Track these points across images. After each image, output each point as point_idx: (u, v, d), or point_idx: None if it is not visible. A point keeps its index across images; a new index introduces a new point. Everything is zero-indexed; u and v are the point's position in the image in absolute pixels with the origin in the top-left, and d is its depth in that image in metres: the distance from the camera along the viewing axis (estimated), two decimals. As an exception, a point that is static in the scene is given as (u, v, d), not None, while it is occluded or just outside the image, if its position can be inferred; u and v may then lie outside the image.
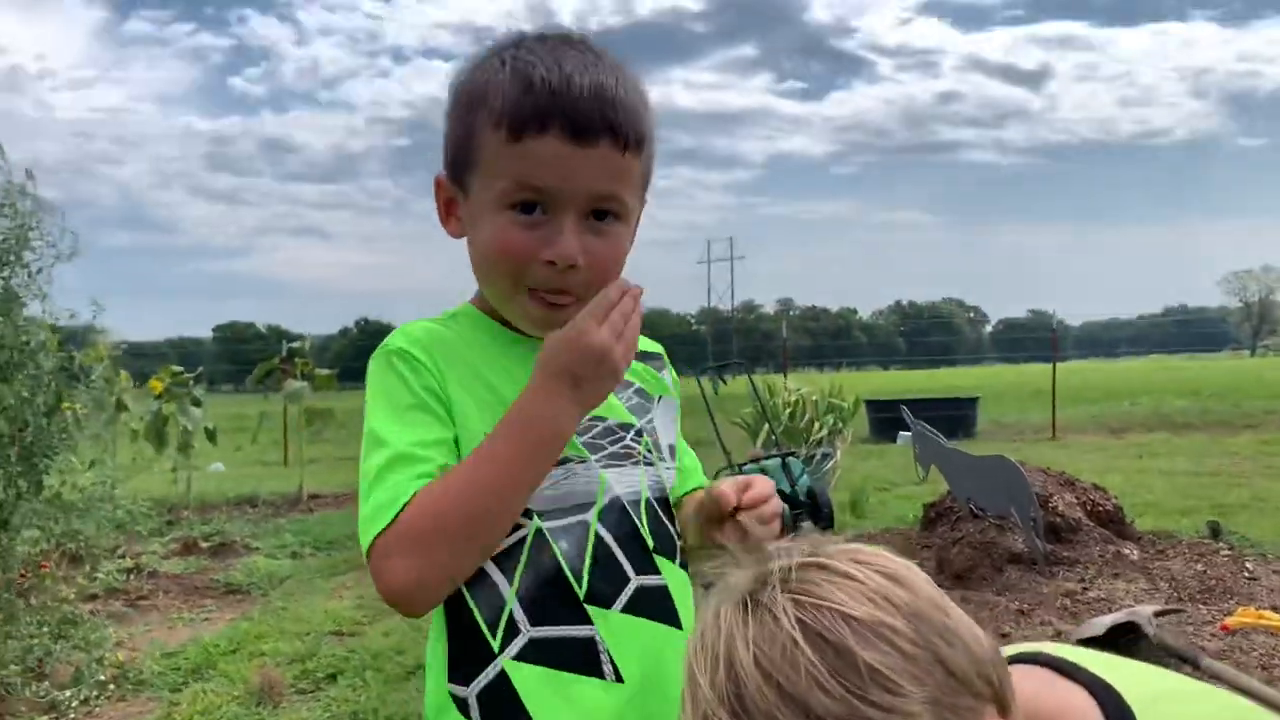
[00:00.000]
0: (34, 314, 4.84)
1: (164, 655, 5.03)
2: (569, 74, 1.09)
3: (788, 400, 9.56)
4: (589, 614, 1.14)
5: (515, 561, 1.13)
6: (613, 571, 1.16)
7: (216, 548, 7.81)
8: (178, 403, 9.75)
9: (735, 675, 0.75)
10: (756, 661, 0.75)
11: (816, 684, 0.73)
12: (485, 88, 1.12)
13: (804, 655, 0.74)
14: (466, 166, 1.15)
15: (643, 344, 1.30)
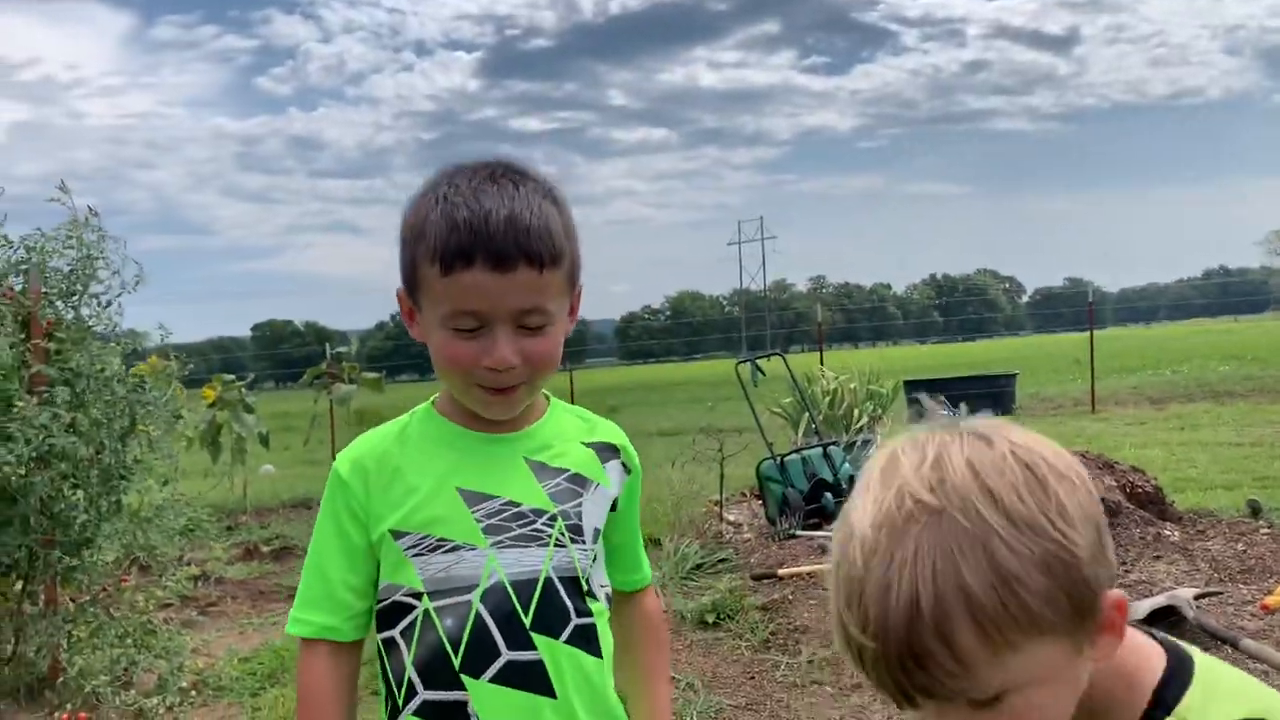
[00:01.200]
0: (103, 335, 5.08)
1: (240, 661, 5.27)
2: (487, 211, 1.29)
3: (826, 389, 9.67)
4: (463, 682, 1.38)
5: (410, 635, 1.39)
6: (486, 647, 1.37)
7: (277, 551, 8.07)
8: (230, 410, 10.03)
9: (942, 465, 0.88)
10: (968, 461, 0.88)
11: (1015, 491, 0.86)
12: (424, 225, 1.33)
13: (1010, 468, 0.87)
14: (416, 290, 1.37)
15: (605, 434, 1.54)
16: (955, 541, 0.84)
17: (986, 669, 0.86)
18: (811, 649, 4.63)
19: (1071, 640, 0.89)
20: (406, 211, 1.37)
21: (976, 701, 0.88)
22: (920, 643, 0.84)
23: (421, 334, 1.40)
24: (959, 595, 0.83)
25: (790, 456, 7.59)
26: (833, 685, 4.28)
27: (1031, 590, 0.84)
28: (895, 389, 10.72)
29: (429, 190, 1.35)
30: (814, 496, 7.28)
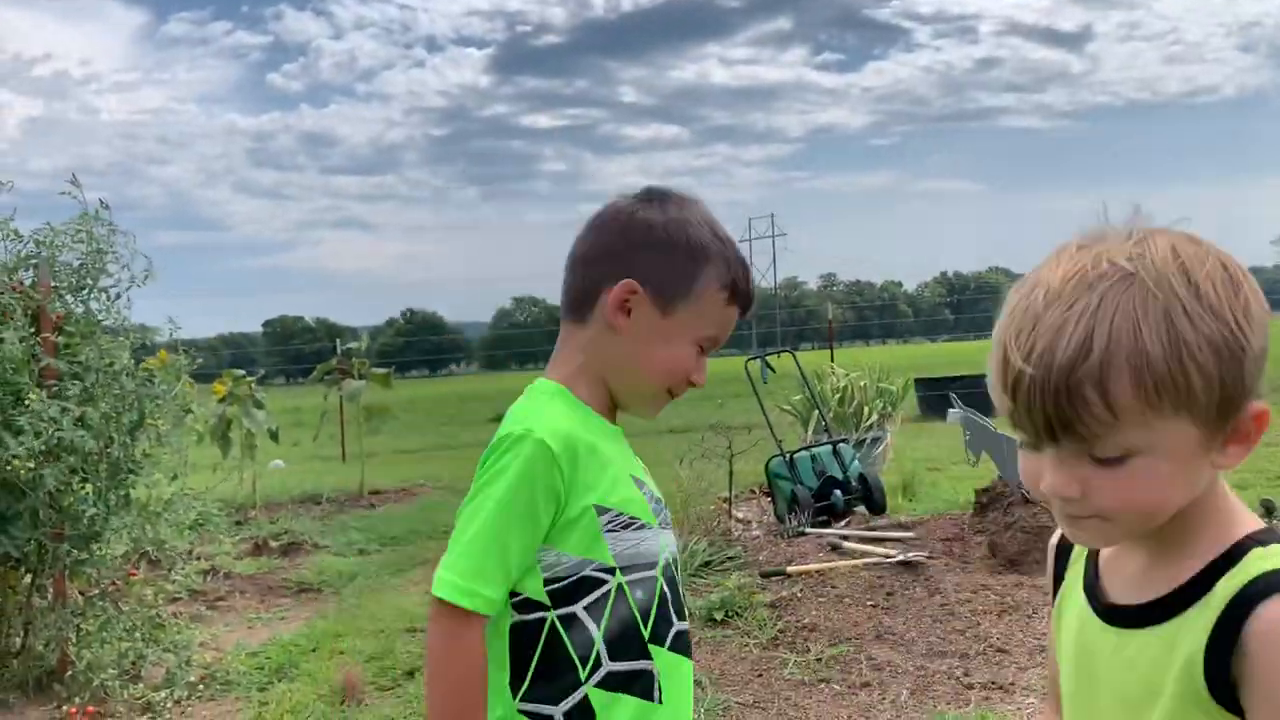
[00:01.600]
0: (113, 329, 5.09)
1: (248, 655, 5.28)
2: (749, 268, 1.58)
3: (836, 386, 9.64)
4: (650, 651, 1.43)
5: (601, 608, 1.41)
6: (666, 617, 1.46)
7: (286, 547, 8.08)
8: (241, 405, 10.04)
9: (1146, 244, 0.93)
10: (1172, 246, 0.93)
11: (1210, 279, 0.91)
12: (711, 253, 1.50)
13: (1210, 260, 0.93)
14: (680, 299, 1.48)
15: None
16: (1141, 303, 0.89)
17: (1127, 426, 0.90)
18: (820, 647, 4.61)
19: (1208, 431, 0.92)
20: (659, 223, 1.49)
21: (1101, 458, 0.92)
22: (1079, 382, 0.89)
23: (633, 329, 1.47)
24: (1130, 350, 0.88)
25: (799, 454, 7.57)
26: (840, 683, 4.26)
27: (1198, 364, 0.89)
28: (906, 386, 10.68)
29: (684, 216, 1.51)
30: (823, 494, 7.25)
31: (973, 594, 4.96)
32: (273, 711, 4.41)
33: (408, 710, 4.32)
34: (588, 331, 1.50)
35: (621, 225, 1.51)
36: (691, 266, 1.47)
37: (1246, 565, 0.94)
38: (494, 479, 1.38)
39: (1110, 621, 1.02)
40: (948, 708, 3.91)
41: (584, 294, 1.50)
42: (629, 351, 1.47)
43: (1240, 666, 0.90)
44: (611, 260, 1.48)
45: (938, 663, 4.36)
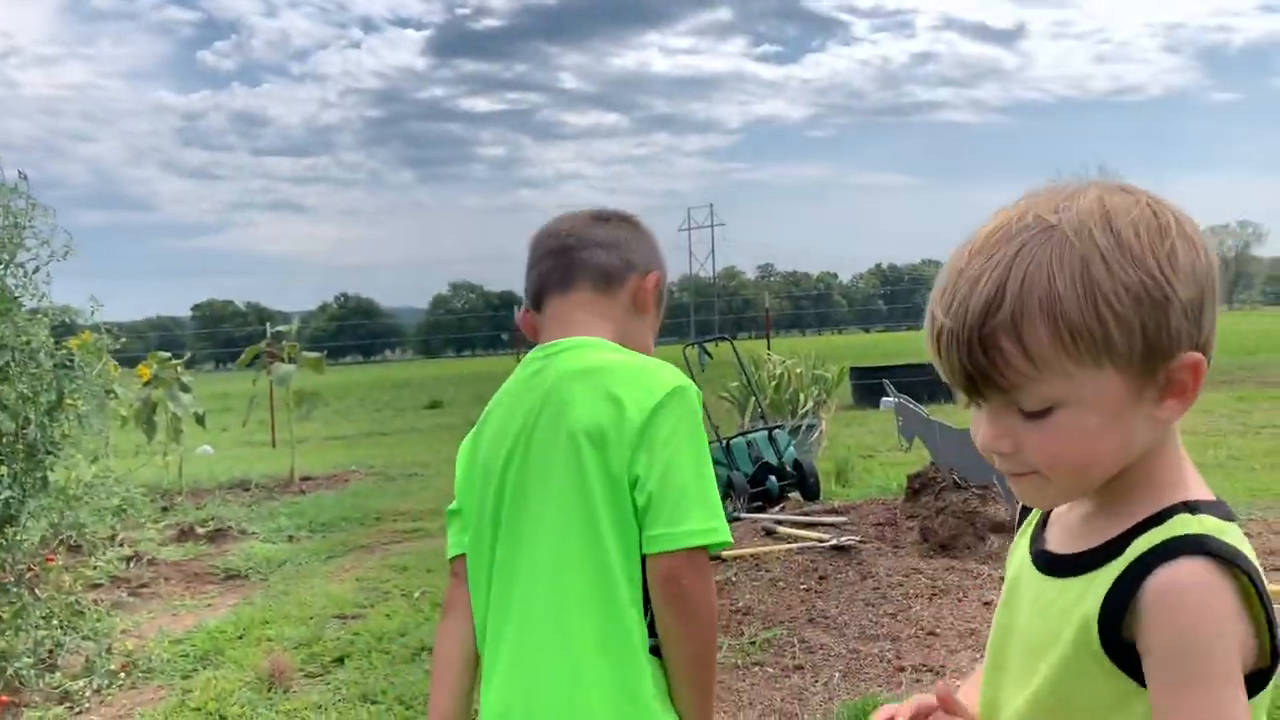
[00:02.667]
0: (31, 308, 4.91)
1: (172, 643, 5.15)
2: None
3: (773, 373, 9.69)
4: None
5: None
6: None
7: (213, 533, 7.91)
8: (166, 389, 9.80)
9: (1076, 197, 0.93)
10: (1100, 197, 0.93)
11: (1134, 226, 0.90)
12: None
13: (1138, 209, 0.92)
14: (661, 302, 1.71)
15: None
16: (1058, 253, 0.89)
17: (1048, 376, 0.89)
18: (753, 630, 4.62)
19: (1136, 381, 0.91)
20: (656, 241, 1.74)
21: (1027, 411, 0.91)
22: (992, 332, 0.89)
23: (650, 315, 1.67)
24: (1044, 297, 0.88)
25: (736, 440, 7.60)
26: (773, 666, 4.27)
27: (1115, 312, 0.88)
28: (841, 374, 10.78)
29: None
30: (759, 480, 7.29)
31: (904, 578, 5.01)
32: (196, 699, 4.30)
33: (336, 697, 4.24)
34: (611, 306, 1.61)
35: (645, 233, 1.69)
36: (666, 282, 1.71)
37: (1169, 528, 0.91)
38: (696, 430, 1.45)
39: (1041, 569, 1.02)
40: (879, 690, 3.94)
41: (619, 271, 1.61)
42: (642, 331, 1.64)
43: (1133, 626, 0.89)
44: (643, 253, 1.65)
45: (869, 646, 4.39)
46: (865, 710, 3.59)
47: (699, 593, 1.39)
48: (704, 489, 1.41)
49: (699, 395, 1.49)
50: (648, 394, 1.42)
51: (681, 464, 1.40)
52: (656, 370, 1.48)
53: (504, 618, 1.48)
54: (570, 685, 1.40)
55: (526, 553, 1.46)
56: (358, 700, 4.18)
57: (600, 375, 1.46)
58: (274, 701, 4.23)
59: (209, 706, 4.20)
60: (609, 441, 1.41)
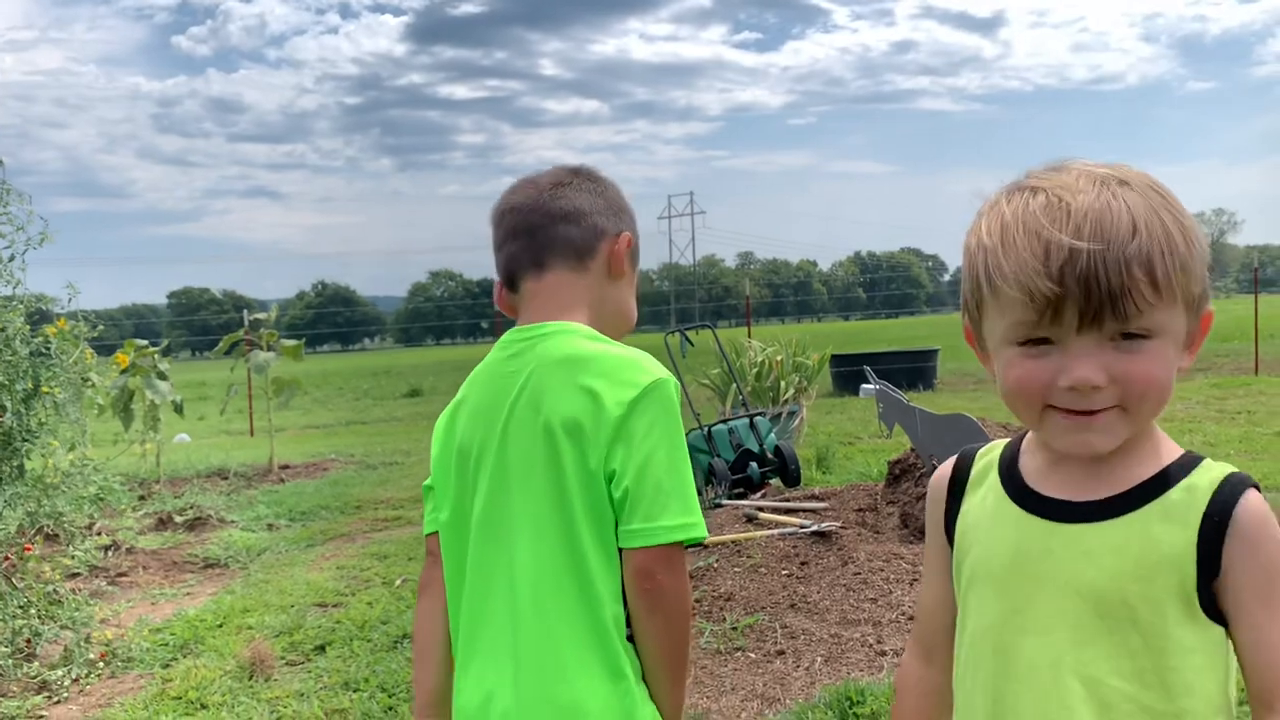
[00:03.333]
0: (6, 295, 4.85)
1: (151, 631, 5.11)
2: None
3: (754, 360, 9.71)
4: None
5: None
6: None
7: (191, 522, 7.85)
8: (143, 377, 9.72)
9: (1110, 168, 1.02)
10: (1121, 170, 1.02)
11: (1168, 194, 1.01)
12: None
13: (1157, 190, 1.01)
14: (635, 259, 1.67)
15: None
16: (1151, 200, 0.98)
17: (1159, 305, 0.96)
18: (735, 616, 4.64)
19: (1188, 324, 1.01)
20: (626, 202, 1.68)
21: (1130, 333, 0.97)
22: (1131, 257, 0.94)
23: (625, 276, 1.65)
24: (1160, 233, 0.96)
25: (717, 427, 7.61)
26: (755, 651, 4.29)
27: (1198, 254, 0.99)
28: (821, 362, 10.80)
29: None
30: (740, 467, 7.30)
31: (885, 563, 5.04)
32: (177, 688, 4.27)
33: (318, 685, 4.23)
34: (586, 279, 1.58)
35: (608, 186, 1.64)
36: (637, 240, 1.66)
37: (1206, 469, 1.02)
38: (673, 424, 1.44)
39: (1060, 518, 1.05)
40: (860, 674, 3.96)
41: (587, 243, 1.57)
42: (621, 295, 1.62)
43: (1232, 549, 0.97)
44: (610, 215, 1.60)
45: (851, 630, 4.42)
46: (847, 694, 3.61)
47: (673, 587, 1.40)
48: (680, 484, 1.41)
49: (677, 388, 1.48)
50: (626, 387, 1.42)
51: (658, 459, 1.40)
52: (635, 362, 1.47)
53: (480, 609, 1.47)
54: (554, 674, 1.40)
55: (504, 546, 1.46)
56: (339, 688, 4.17)
57: (578, 366, 1.45)
58: (255, 690, 4.22)
59: (189, 695, 4.18)
60: (585, 435, 1.41)
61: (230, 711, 4.00)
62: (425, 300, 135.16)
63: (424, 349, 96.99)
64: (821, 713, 3.55)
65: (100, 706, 4.23)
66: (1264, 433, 9.48)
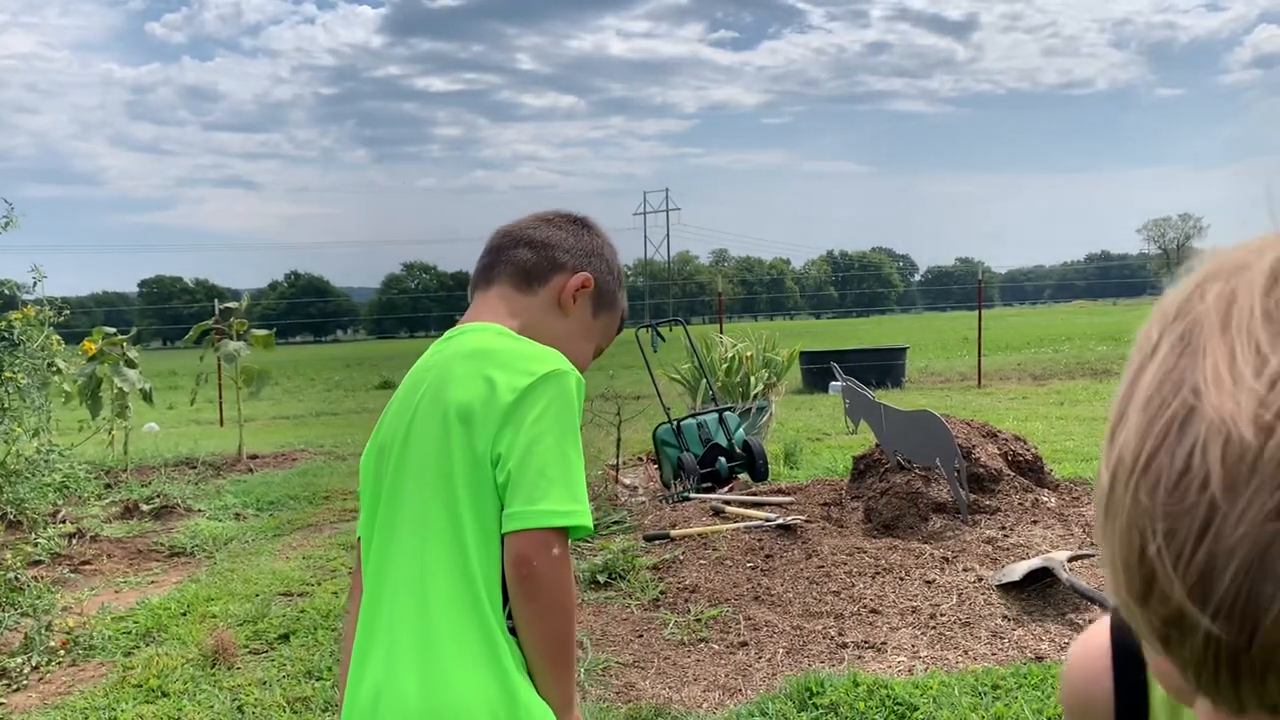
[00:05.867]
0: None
1: (114, 619, 5.09)
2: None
3: (724, 356, 9.75)
4: None
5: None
6: None
7: (158, 510, 7.80)
8: (111, 364, 9.63)
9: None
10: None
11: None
12: (622, 285, 1.76)
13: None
14: (605, 309, 1.70)
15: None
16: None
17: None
18: (700, 608, 4.68)
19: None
20: (608, 243, 1.72)
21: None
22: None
23: (573, 315, 1.65)
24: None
25: (686, 421, 7.64)
26: (719, 643, 4.33)
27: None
28: (791, 358, 10.86)
29: (614, 247, 1.73)
30: (709, 461, 7.34)
31: (848, 556, 5.09)
32: (138, 676, 4.26)
33: (281, 673, 4.23)
34: (528, 301, 1.61)
35: (587, 230, 1.69)
36: (617, 288, 1.71)
37: None
38: (567, 414, 1.44)
39: None
40: (822, 666, 4.01)
41: (539, 270, 1.62)
42: (563, 332, 1.62)
43: None
44: (576, 254, 1.64)
45: (813, 623, 4.46)
46: (807, 685, 3.65)
47: (550, 575, 1.37)
48: (566, 471, 1.39)
49: (581, 384, 1.48)
50: (522, 375, 1.42)
51: (545, 444, 1.38)
52: (539, 355, 1.47)
53: (375, 603, 1.47)
54: (435, 668, 1.38)
55: (398, 537, 1.46)
56: (302, 676, 4.17)
57: (483, 357, 1.47)
58: (217, 678, 4.21)
59: (150, 683, 4.17)
60: (476, 420, 1.41)
61: (191, 699, 3.99)
62: (399, 292, 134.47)
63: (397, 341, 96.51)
64: (782, 703, 3.59)
65: (60, 694, 4.21)
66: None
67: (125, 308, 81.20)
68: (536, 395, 1.41)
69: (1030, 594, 4.58)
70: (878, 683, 3.64)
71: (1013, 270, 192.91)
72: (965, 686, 3.60)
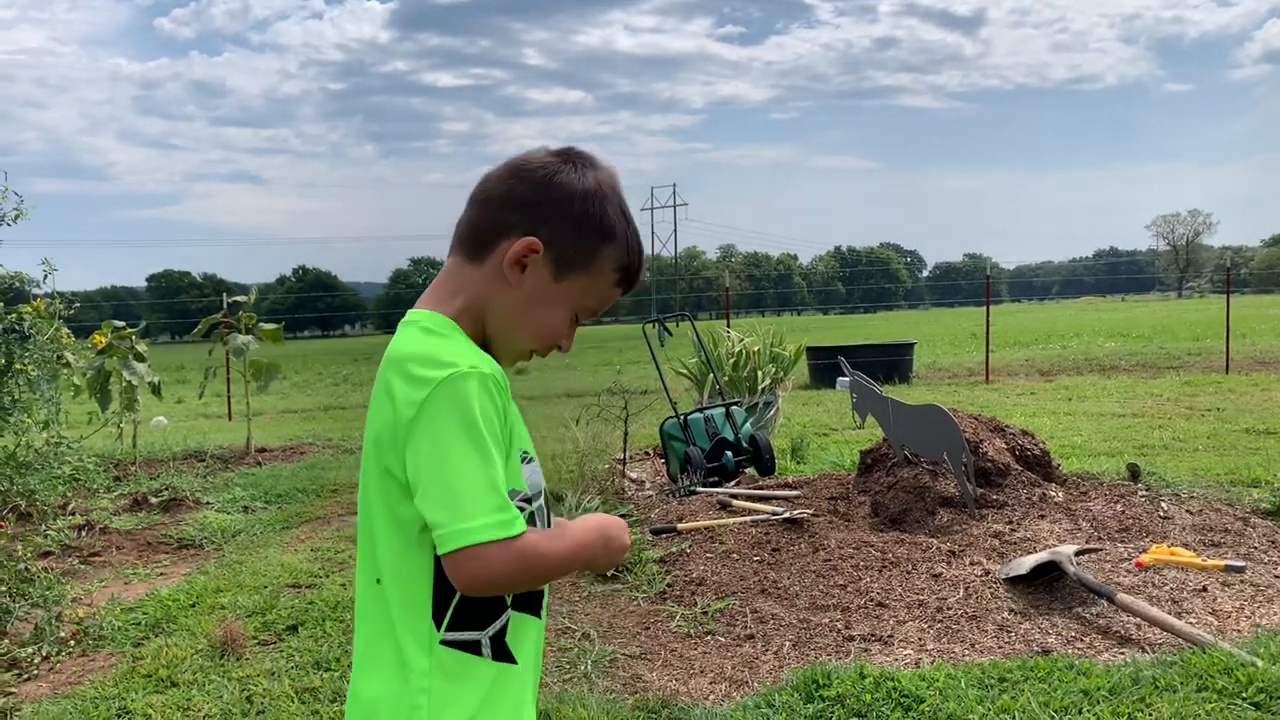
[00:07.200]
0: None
1: (123, 610, 5.12)
2: (644, 255, 1.58)
3: (731, 351, 9.75)
4: None
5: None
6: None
7: (167, 503, 7.84)
8: (120, 358, 9.67)
9: None
10: None
11: None
12: (617, 233, 1.51)
13: None
14: (576, 269, 1.49)
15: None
16: None
17: None
18: (706, 600, 4.69)
19: None
20: (579, 191, 1.46)
21: None
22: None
23: (523, 285, 1.47)
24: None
25: (693, 415, 7.65)
26: (725, 635, 4.34)
27: None
28: (798, 353, 10.86)
29: (602, 191, 1.48)
30: (715, 455, 7.35)
31: (855, 550, 5.09)
32: (147, 666, 4.28)
33: (289, 664, 4.25)
34: (478, 272, 1.47)
35: (541, 180, 1.47)
36: (596, 243, 1.48)
37: None
38: (461, 424, 1.33)
39: None
40: (828, 658, 4.01)
41: (485, 235, 1.47)
42: (513, 305, 1.47)
43: None
44: (523, 212, 1.45)
45: (820, 616, 4.47)
46: (814, 677, 3.66)
47: (486, 583, 1.34)
48: (465, 484, 1.31)
49: (482, 380, 1.35)
50: (418, 387, 1.34)
51: (441, 462, 1.32)
52: (434, 360, 1.36)
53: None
54: (358, 670, 1.45)
55: (359, 536, 1.51)
56: (310, 667, 4.19)
57: (392, 365, 1.40)
58: (226, 669, 4.23)
59: (160, 673, 4.19)
60: (385, 444, 1.38)
61: (200, 690, 4.01)
62: (407, 287, 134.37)
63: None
64: (789, 695, 3.60)
65: (70, 684, 4.23)
66: (1232, 429, 9.61)
67: (134, 302, 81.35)
68: (430, 410, 1.33)
69: (1037, 588, 4.58)
70: (884, 675, 3.65)
71: (1021, 266, 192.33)
72: (972, 679, 3.61)
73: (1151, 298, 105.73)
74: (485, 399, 1.35)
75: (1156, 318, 40.73)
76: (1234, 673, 3.47)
